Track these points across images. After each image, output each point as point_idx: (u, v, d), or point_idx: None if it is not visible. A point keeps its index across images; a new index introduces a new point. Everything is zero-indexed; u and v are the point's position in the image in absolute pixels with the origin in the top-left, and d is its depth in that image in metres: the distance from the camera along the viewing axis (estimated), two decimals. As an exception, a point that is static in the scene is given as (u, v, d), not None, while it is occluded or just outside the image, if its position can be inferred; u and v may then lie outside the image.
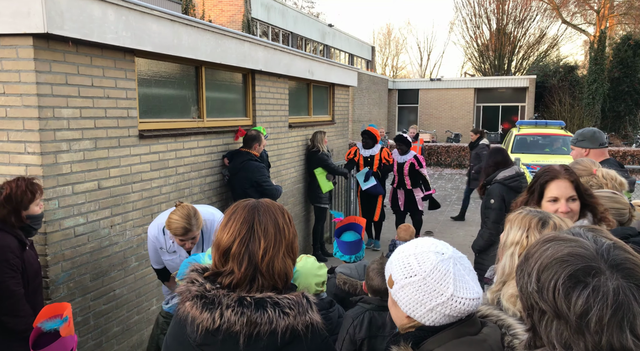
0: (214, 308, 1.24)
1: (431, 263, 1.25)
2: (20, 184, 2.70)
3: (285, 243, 1.34)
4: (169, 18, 3.92)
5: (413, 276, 1.25)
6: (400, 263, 1.29)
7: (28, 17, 2.83)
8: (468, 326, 1.24)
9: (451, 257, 1.27)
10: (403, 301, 1.27)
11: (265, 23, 19.62)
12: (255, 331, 1.23)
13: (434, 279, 1.23)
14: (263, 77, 5.88)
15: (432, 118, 24.84)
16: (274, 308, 1.24)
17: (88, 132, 3.41)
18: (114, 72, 3.60)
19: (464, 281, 1.24)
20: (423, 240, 1.33)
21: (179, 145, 4.43)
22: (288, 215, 1.42)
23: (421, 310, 1.25)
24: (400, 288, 1.28)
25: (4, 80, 3.01)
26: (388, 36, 44.96)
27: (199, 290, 1.28)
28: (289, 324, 1.24)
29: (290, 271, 1.36)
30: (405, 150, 7.55)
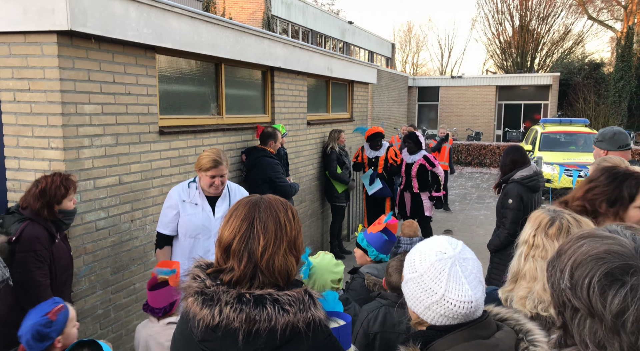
0: (214, 305, 1.24)
1: (429, 262, 1.26)
2: (55, 179, 2.78)
3: (286, 241, 1.33)
4: (190, 15, 3.96)
5: (414, 273, 1.28)
6: (409, 258, 1.32)
7: (52, 14, 2.88)
8: (480, 328, 1.22)
9: (452, 257, 1.26)
10: (407, 296, 1.31)
11: (285, 20, 19.65)
12: (255, 328, 1.23)
13: (429, 277, 1.25)
14: (282, 74, 5.89)
15: (453, 116, 24.57)
16: (273, 305, 1.23)
17: (109, 127, 3.46)
18: (135, 69, 3.65)
19: (458, 283, 1.23)
20: (435, 238, 1.33)
21: (199, 141, 4.47)
22: (292, 211, 1.40)
23: (420, 306, 1.27)
24: (405, 283, 1.32)
25: (29, 77, 3.08)
26: (408, 33, 44.65)
27: (199, 286, 1.29)
28: (288, 321, 1.23)
29: (293, 269, 1.34)
30: (415, 150, 6.87)
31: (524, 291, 1.66)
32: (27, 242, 2.67)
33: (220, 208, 3.28)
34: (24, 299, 2.70)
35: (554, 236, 1.66)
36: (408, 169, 6.86)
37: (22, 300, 2.71)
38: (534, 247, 1.71)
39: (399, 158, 7.02)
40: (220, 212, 3.28)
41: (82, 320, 3.34)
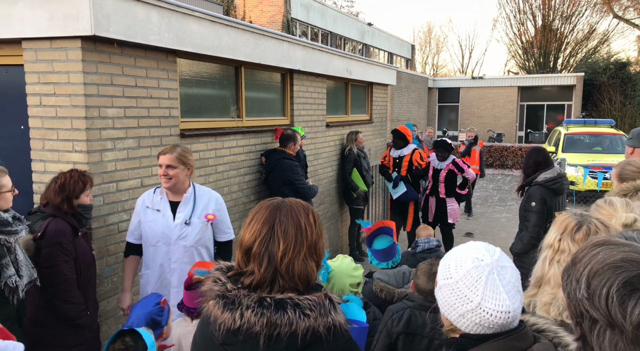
0: (235, 309, 1.25)
1: (465, 268, 1.23)
2: (73, 174, 2.89)
3: (307, 245, 1.32)
4: (210, 19, 3.99)
5: (448, 279, 1.25)
6: (443, 263, 1.29)
7: (77, 20, 2.94)
8: (517, 339, 1.18)
9: (490, 264, 1.22)
10: (440, 302, 1.28)
11: (304, 23, 19.72)
12: (276, 333, 1.22)
13: (465, 284, 1.21)
14: (301, 76, 5.90)
15: (474, 117, 24.29)
16: (294, 309, 1.23)
17: (132, 131, 3.51)
18: (157, 73, 3.69)
19: (495, 292, 1.19)
20: (472, 244, 1.30)
21: (219, 144, 4.51)
22: (313, 215, 1.39)
23: (454, 313, 1.23)
24: (439, 289, 1.28)
25: (55, 81, 3.15)
26: (428, 34, 44.30)
27: (220, 289, 1.29)
28: (309, 326, 1.22)
29: (313, 274, 1.33)
30: (446, 156, 6.64)
31: (548, 297, 1.62)
32: (52, 236, 2.75)
33: (181, 214, 3.04)
34: (52, 295, 2.77)
35: (581, 241, 1.62)
36: (436, 174, 6.66)
37: (51, 295, 2.77)
38: (559, 252, 1.67)
39: (424, 162, 6.76)
40: (180, 218, 3.03)
41: (105, 320, 3.39)
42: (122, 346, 1.84)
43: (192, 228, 3.02)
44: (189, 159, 3.04)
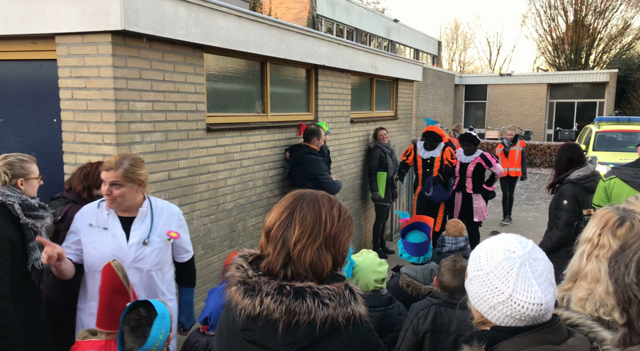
0: (255, 295, 1.26)
1: (497, 260, 1.21)
2: (98, 165, 2.96)
3: (324, 236, 1.31)
4: (236, 14, 4.03)
5: (479, 271, 1.24)
6: (474, 255, 1.28)
7: (108, 15, 3.01)
8: (550, 333, 1.16)
9: (522, 256, 1.20)
10: (470, 294, 1.27)
11: (330, 19, 19.69)
12: (294, 321, 1.23)
13: (496, 276, 1.20)
14: (326, 72, 5.90)
15: (501, 114, 23.86)
16: (313, 298, 1.24)
17: (159, 124, 3.57)
18: (184, 67, 3.75)
19: (527, 284, 1.18)
20: (503, 236, 1.28)
21: (244, 138, 4.55)
22: (340, 210, 1.38)
23: (484, 305, 1.22)
24: (469, 281, 1.28)
25: (86, 75, 3.22)
26: (455, 30, 43.67)
27: (241, 276, 1.31)
28: (328, 315, 1.23)
29: (326, 266, 1.31)
30: (472, 150, 6.42)
31: (583, 292, 1.58)
32: (71, 220, 2.81)
33: (136, 232, 2.55)
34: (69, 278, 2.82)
35: (623, 237, 1.56)
36: (463, 169, 6.42)
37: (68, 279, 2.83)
38: (598, 247, 1.62)
39: (454, 160, 6.56)
40: (136, 237, 2.53)
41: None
42: (136, 317, 1.88)
43: (150, 248, 2.54)
44: (139, 174, 2.52)
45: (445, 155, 6.62)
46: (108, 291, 2.19)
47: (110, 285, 2.20)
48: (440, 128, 7.07)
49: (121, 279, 2.19)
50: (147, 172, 2.60)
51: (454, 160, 6.56)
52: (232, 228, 4.47)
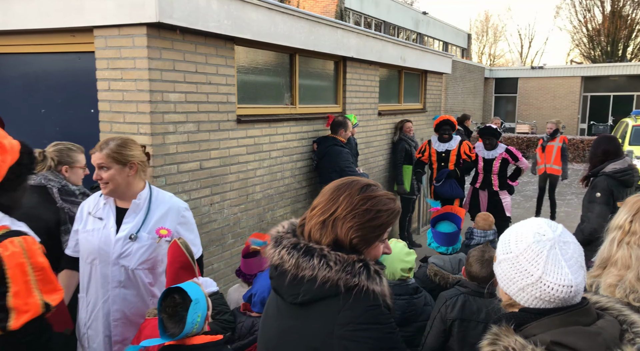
0: (277, 247, 1.42)
1: (526, 243, 1.23)
2: None
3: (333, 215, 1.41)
4: (267, 6, 4.07)
5: (508, 253, 1.26)
6: (503, 239, 1.30)
7: (143, 7, 3.09)
8: (580, 315, 1.18)
9: (552, 239, 1.22)
10: (499, 276, 1.29)
11: (358, 12, 19.59)
12: (300, 275, 1.34)
13: (526, 258, 1.22)
14: (354, 64, 5.90)
15: (532, 108, 23.32)
16: (320, 258, 1.34)
17: (192, 115, 3.66)
18: (216, 59, 3.82)
19: (557, 266, 1.19)
20: (533, 220, 1.30)
21: (273, 130, 4.61)
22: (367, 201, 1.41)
23: (513, 287, 1.24)
24: (498, 264, 1.30)
25: (122, 67, 3.32)
26: (486, 23, 42.81)
27: (276, 230, 1.48)
28: (329, 277, 1.31)
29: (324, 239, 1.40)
30: (494, 144, 6.07)
31: (613, 278, 1.58)
32: None
33: (127, 225, 2.32)
34: None
35: None
36: (488, 165, 6.07)
37: None
38: (629, 233, 1.61)
39: (473, 153, 6.24)
40: (126, 230, 2.31)
41: (165, 294, 3.58)
42: (171, 304, 1.95)
43: (137, 245, 2.30)
44: (128, 155, 2.30)
45: (463, 148, 6.30)
46: (175, 267, 2.26)
47: (177, 260, 2.26)
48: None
49: (187, 255, 2.26)
50: (140, 154, 2.36)
51: (472, 154, 6.24)
52: (260, 218, 4.55)
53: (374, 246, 1.44)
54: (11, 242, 1.57)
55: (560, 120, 8.68)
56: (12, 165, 1.66)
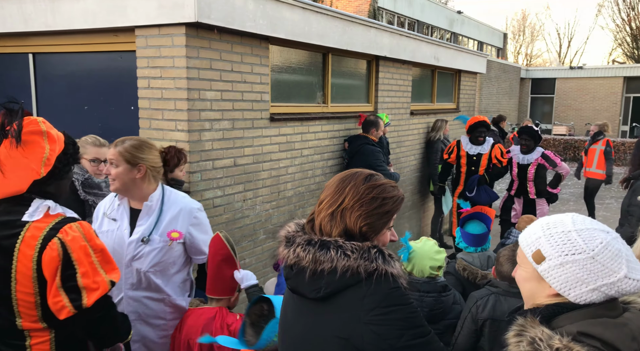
0: (290, 246, 1.44)
1: (600, 242, 1.18)
2: (171, 150, 3.15)
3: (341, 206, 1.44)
4: (301, 6, 4.12)
5: (578, 254, 1.18)
6: (557, 239, 1.21)
7: (183, 8, 3.19)
8: (608, 308, 1.18)
9: (617, 237, 1.21)
10: (558, 279, 1.20)
11: (391, 12, 19.49)
12: (320, 269, 1.37)
13: (606, 257, 1.16)
14: (387, 63, 5.89)
15: (570, 109, 22.65)
16: (336, 249, 1.37)
17: (227, 113, 3.74)
18: (251, 58, 3.89)
19: (635, 263, 1.19)
20: (579, 217, 1.24)
21: (305, 128, 4.66)
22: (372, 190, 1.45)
23: (581, 288, 1.18)
24: (558, 266, 1.20)
25: (162, 65, 3.44)
26: (523, 22, 41.81)
27: (285, 231, 1.51)
28: (349, 265, 1.34)
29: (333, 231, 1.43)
30: (532, 146, 5.61)
31: None
32: None
33: (140, 228, 2.33)
34: None
35: None
36: (523, 171, 5.69)
37: None
38: None
39: (505, 158, 5.83)
40: (139, 232, 2.32)
41: (199, 287, 3.68)
42: (257, 311, 1.99)
43: (150, 248, 2.32)
44: (139, 157, 2.31)
45: (495, 153, 5.86)
46: (216, 260, 2.34)
47: (219, 253, 2.34)
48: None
49: (228, 248, 2.34)
50: (154, 159, 2.37)
51: (504, 159, 5.81)
52: (292, 215, 4.61)
53: (382, 233, 1.48)
54: (70, 227, 1.67)
55: (606, 123, 8.28)
56: (59, 155, 1.75)
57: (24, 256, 1.62)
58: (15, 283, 1.62)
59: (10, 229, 1.64)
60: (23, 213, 1.66)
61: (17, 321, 1.66)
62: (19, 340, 1.67)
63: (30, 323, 1.67)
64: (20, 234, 1.63)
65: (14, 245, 1.62)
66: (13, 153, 1.65)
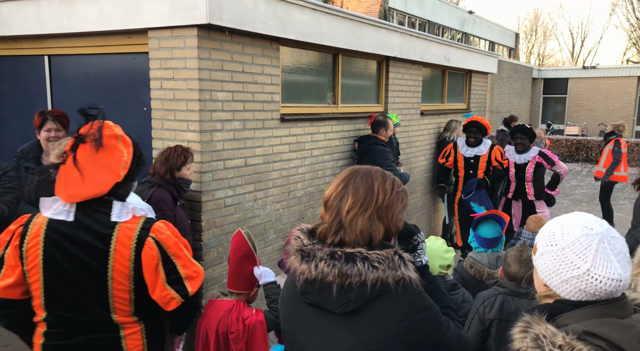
0: (310, 261, 1.38)
1: (574, 236, 1.23)
2: (177, 149, 3.27)
3: (375, 206, 1.41)
4: (312, 7, 4.15)
5: (553, 245, 1.26)
6: (546, 231, 1.30)
7: (195, 10, 3.23)
8: (615, 308, 1.19)
9: (600, 234, 1.23)
10: (541, 268, 1.30)
11: (402, 12, 19.45)
12: (347, 282, 1.33)
13: (573, 251, 1.22)
14: (397, 63, 5.90)
15: (583, 110, 22.41)
16: (363, 262, 1.33)
17: (238, 114, 3.78)
18: (262, 59, 3.93)
19: (606, 260, 1.19)
20: (578, 214, 1.31)
21: (315, 129, 4.68)
22: (392, 183, 1.47)
23: (556, 279, 1.25)
24: (540, 255, 1.30)
25: (174, 67, 3.48)
26: (535, 21, 41.45)
27: (298, 245, 1.44)
28: (378, 277, 1.32)
29: (377, 234, 1.40)
30: (527, 145, 5.32)
31: None
32: (156, 203, 3.11)
33: None
34: None
35: None
36: (520, 171, 5.38)
37: None
38: None
39: (506, 160, 5.57)
40: None
41: (211, 286, 3.72)
42: None
43: None
44: None
45: (494, 155, 5.60)
46: (238, 255, 2.44)
47: (240, 250, 2.45)
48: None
49: (250, 245, 2.43)
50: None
51: (504, 160, 5.54)
52: (301, 215, 4.63)
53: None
54: (159, 227, 1.76)
55: (622, 123, 8.18)
56: (132, 157, 1.82)
57: (120, 255, 1.69)
58: (112, 281, 1.69)
59: (104, 229, 1.69)
60: (107, 214, 1.72)
61: (113, 317, 1.74)
62: (114, 332, 1.76)
63: (124, 317, 1.76)
64: (114, 234, 1.69)
65: (109, 246, 1.68)
66: (94, 158, 1.72)
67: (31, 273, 1.72)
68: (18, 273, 1.73)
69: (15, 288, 1.74)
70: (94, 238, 1.69)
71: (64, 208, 1.72)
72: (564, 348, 1.09)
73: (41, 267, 1.70)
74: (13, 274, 1.73)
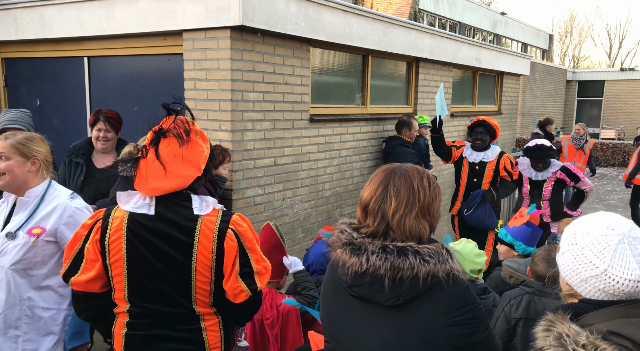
0: (361, 254, 1.38)
1: (594, 235, 1.24)
2: (216, 148, 3.34)
3: (419, 205, 1.42)
4: (342, 8, 4.18)
5: (574, 244, 1.27)
6: (569, 230, 1.31)
7: (228, 12, 3.31)
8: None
9: (621, 234, 1.22)
10: (562, 267, 1.30)
11: (432, 14, 19.29)
12: (399, 276, 1.35)
13: (592, 251, 1.22)
14: (427, 65, 5.87)
15: (620, 113, 21.72)
16: (414, 256, 1.35)
17: (268, 114, 3.84)
18: (292, 61, 3.98)
19: (625, 260, 1.19)
20: (603, 213, 1.30)
21: (344, 129, 4.71)
22: (429, 180, 1.48)
23: (576, 278, 1.25)
24: (562, 254, 1.31)
25: (207, 68, 3.57)
26: (570, 23, 40.42)
27: (347, 238, 1.44)
28: (429, 270, 1.33)
29: (425, 232, 1.42)
30: (547, 165, 4.44)
31: None
32: None
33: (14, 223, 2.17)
34: None
35: None
36: (536, 188, 4.54)
37: None
38: None
39: (516, 171, 4.68)
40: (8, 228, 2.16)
41: (239, 282, 3.79)
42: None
43: (14, 243, 2.13)
44: (33, 149, 2.19)
45: (503, 163, 4.70)
46: (267, 246, 2.54)
47: (269, 241, 2.55)
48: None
49: (278, 236, 2.54)
50: (46, 152, 2.25)
51: (514, 171, 4.69)
52: (329, 215, 4.66)
53: None
54: (237, 219, 1.78)
55: None
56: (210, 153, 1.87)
57: (203, 247, 1.72)
58: (195, 273, 1.73)
59: (187, 222, 1.72)
60: (189, 207, 1.74)
61: (195, 308, 1.78)
62: (196, 324, 1.80)
63: (204, 308, 1.80)
64: (197, 227, 1.72)
65: (193, 238, 1.71)
66: (178, 152, 1.73)
67: (114, 267, 1.73)
68: (98, 266, 1.75)
69: (95, 282, 1.76)
70: (178, 231, 1.70)
71: (145, 201, 1.72)
72: (587, 347, 1.08)
73: (124, 260, 1.72)
74: (93, 268, 1.75)
